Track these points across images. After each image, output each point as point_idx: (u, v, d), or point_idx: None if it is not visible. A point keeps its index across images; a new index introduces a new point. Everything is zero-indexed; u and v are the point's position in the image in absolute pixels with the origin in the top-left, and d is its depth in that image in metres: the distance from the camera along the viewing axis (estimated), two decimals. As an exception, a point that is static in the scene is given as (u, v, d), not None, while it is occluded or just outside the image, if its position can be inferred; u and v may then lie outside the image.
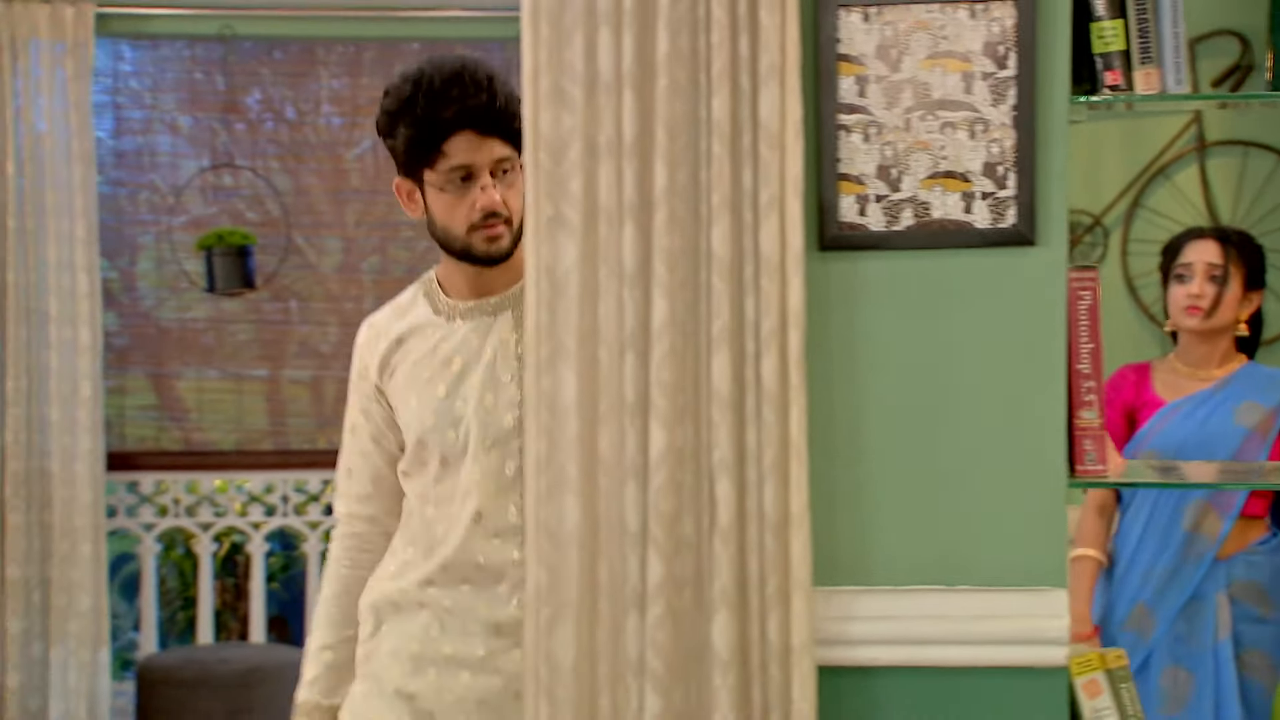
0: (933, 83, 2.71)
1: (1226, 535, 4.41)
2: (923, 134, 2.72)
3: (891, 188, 2.73)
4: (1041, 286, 2.71)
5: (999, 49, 2.69)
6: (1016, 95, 2.69)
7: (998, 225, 2.71)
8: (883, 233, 2.73)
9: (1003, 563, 2.70)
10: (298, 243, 6.86)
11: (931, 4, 2.70)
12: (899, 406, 2.70)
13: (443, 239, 3.13)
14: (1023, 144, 2.69)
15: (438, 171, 3.05)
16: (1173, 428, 4.45)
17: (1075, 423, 2.75)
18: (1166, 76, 2.72)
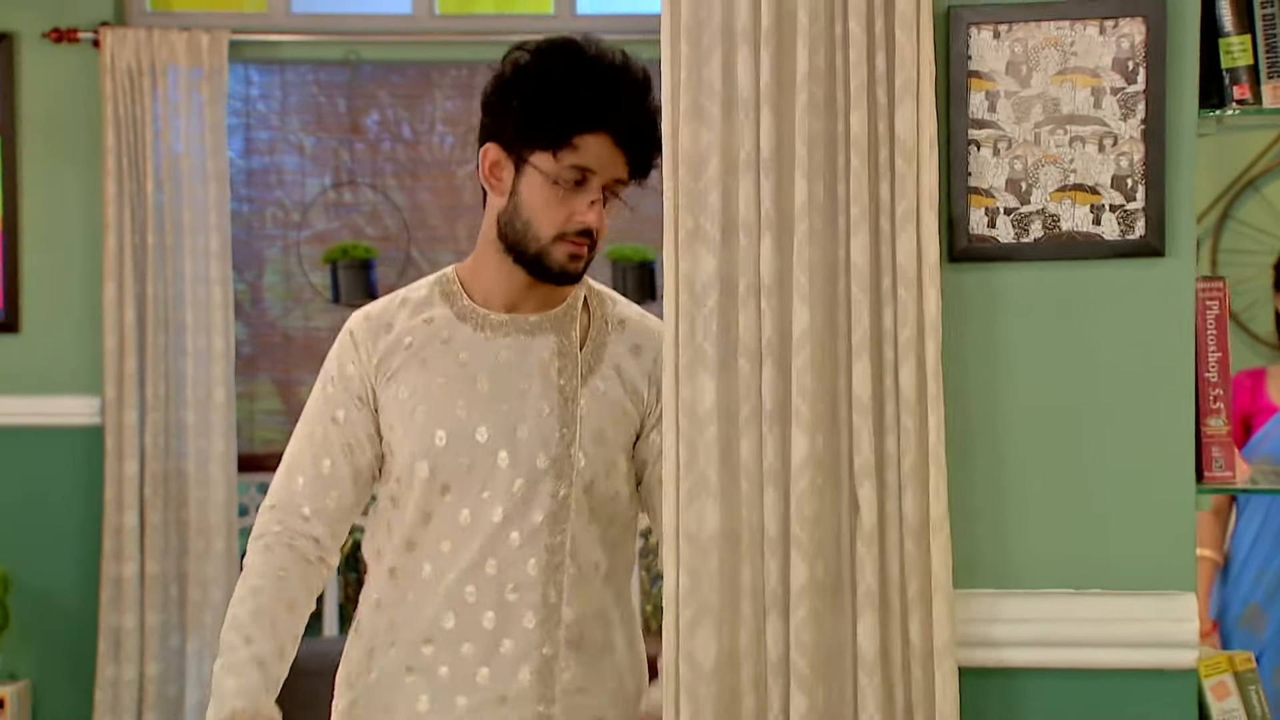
0: (1062, 98, 2.63)
1: None
2: (1052, 148, 2.64)
3: (1021, 200, 2.65)
4: (1170, 296, 2.63)
5: (1128, 64, 2.61)
6: (1145, 110, 2.61)
7: (1127, 237, 2.63)
8: (1012, 244, 2.65)
9: (1134, 566, 2.62)
10: (414, 256, 6.88)
11: (1061, 21, 2.62)
12: (1033, 413, 2.62)
13: (518, 234, 2.62)
14: (1151, 157, 2.61)
15: (559, 162, 2.57)
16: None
17: (1203, 430, 2.66)
18: (1294, 90, 2.63)
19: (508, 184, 2.61)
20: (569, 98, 2.54)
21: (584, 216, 2.57)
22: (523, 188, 2.59)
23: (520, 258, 2.63)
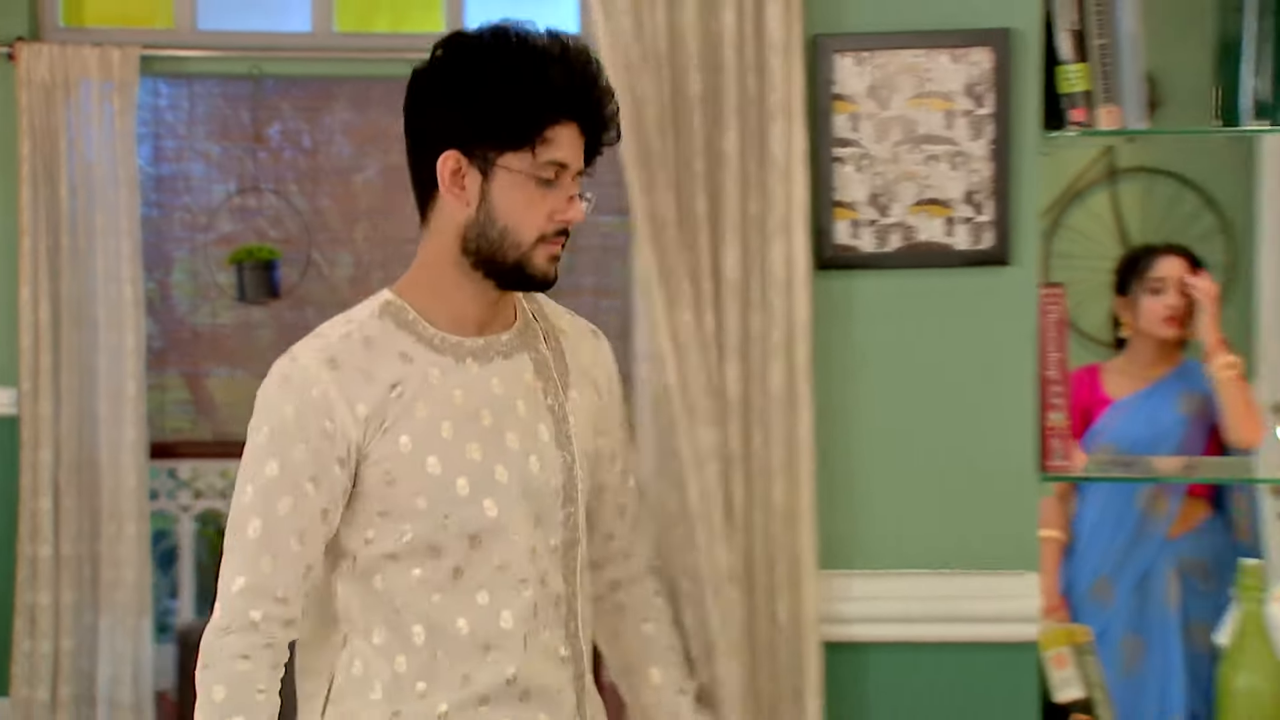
0: (918, 119, 2.64)
1: (1175, 516, 4.37)
2: (909, 165, 2.65)
3: (881, 213, 2.65)
4: (1015, 302, 2.65)
5: (977, 89, 2.62)
6: (993, 131, 2.62)
7: (976, 247, 2.64)
8: (874, 254, 2.65)
9: (981, 548, 2.64)
10: (315, 257, 6.85)
11: (917, 49, 2.63)
12: (891, 409, 2.63)
13: (494, 244, 2.13)
14: (998, 174, 2.63)
15: (536, 159, 2.10)
16: (1124, 422, 4.40)
17: (1045, 423, 2.68)
18: (1127, 113, 2.66)
19: (474, 192, 2.12)
20: (536, 88, 2.08)
21: (566, 213, 2.13)
22: (495, 193, 2.11)
23: (494, 270, 2.15)
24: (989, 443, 2.64)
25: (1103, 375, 4.54)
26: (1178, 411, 4.39)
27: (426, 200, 2.17)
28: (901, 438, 2.63)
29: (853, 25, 2.60)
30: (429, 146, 2.14)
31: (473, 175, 2.12)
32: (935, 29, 2.62)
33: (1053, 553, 4.50)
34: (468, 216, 2.14)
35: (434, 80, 2.15)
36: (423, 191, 2.17)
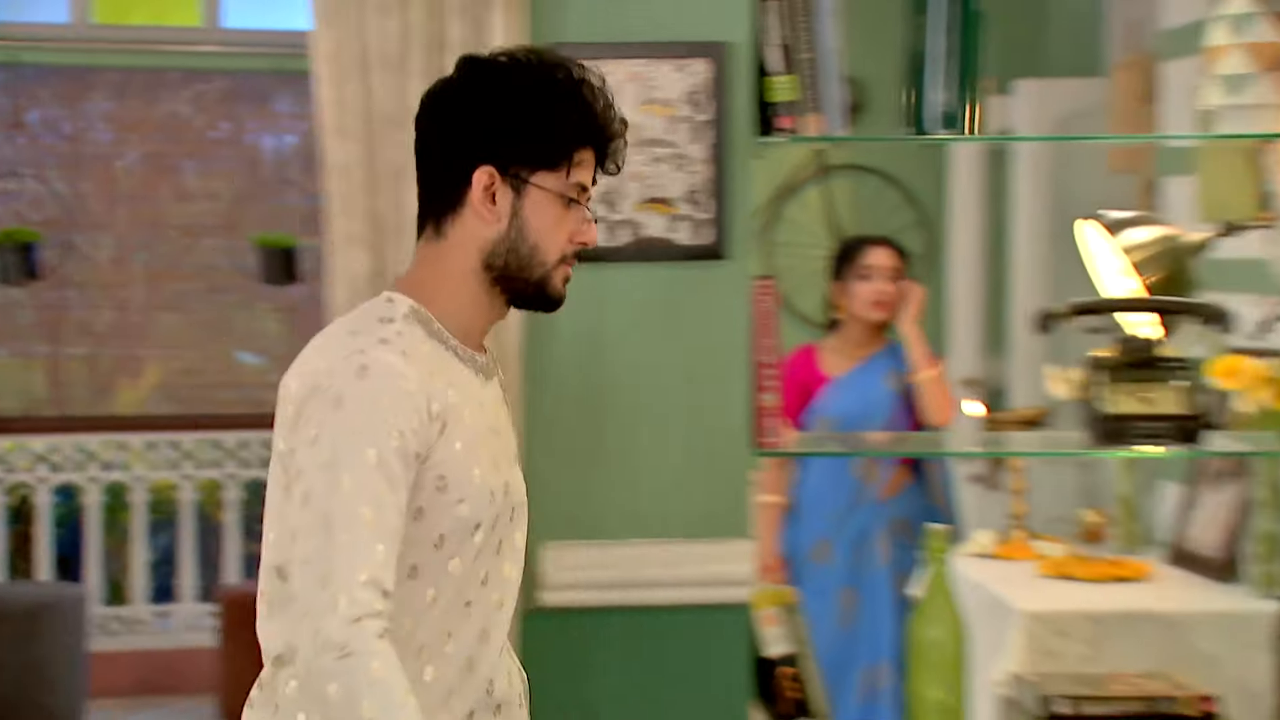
0: (644, 124, 2.67)
1: (885, 482, 4.51)
2: (636, 166, 2.68)
3: (611, 210, 2.68)
4: (731, 292, 2.70)
5: (697, 97, 2.67)
6: (712, 136, 2.67)
7: (696, 242, 2.69)
8: (605, 248, 2.68)
9: (699, 519, 2.68)
10: (75, 240, 6.67)
11: (642, 59, 2.66)
12: (618, 390, 2.66)
13: (522, 261, 2.01)
14: (717, 176, 2.67)
15: (567, 179, 2.01)
16: (840, 397, 4.51)
17: (758, 404, 2.73)
18: (829, 120, 2.71)
19: (505, 209, 1.99)
20: (576, 111, 2.01)
21: (586, 235, 2.04)
22: (528, 210, 2.00)
23: (514, 286, 2.02)
24: (706, 421, 2.68)
25: (819, 354, 4.64)
26: (886, 387, 4.52)
27: (444, 212, 2.01)
28: (627, 416, 2.66)
29: (578, 35, 2.62)
30: (458, 164, 2.00)
31: (505, 192, 2.00)
32: (659, 41, 2.64)
33: (774, 517, 4.59)
34: (497, 232, 2.00)
35: (467, 98, 2.02)
36: (441, 204, 2.02)
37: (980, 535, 4.61)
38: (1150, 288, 2.94)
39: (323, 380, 1.91)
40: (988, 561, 4.42)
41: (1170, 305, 2.82)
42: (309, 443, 1.89)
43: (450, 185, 2.00)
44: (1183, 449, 2.74)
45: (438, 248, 2.02)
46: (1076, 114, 5.59)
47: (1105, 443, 2.73)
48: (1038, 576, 4.19)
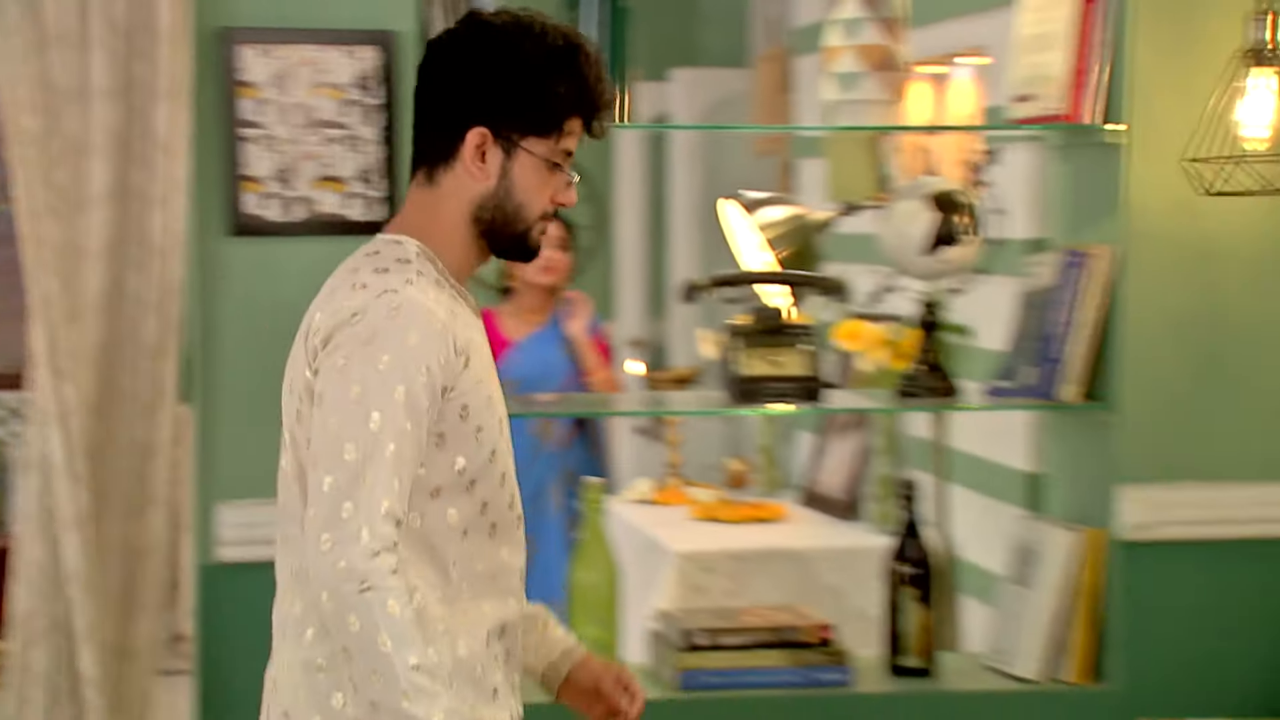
0: (317, 106, 2.65)
1: (559, 436, 4.57)
2: (310, 146, 2.66)
3: (286, 187, 2.65)
4: (403, 265, 2.70)
5: (367, 82, 2.65)
6: (382, 119, 2.66)
7: (368, 218, 2.68)
8: (280, 223, 2.66)
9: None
10: None
11: (312, 45, 2.63)
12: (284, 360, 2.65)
13: (507, 216, 2.00)
14: (388, 157, 2.67)
15: (555, 146, 1.99)
16: (520, 360, 4.55)
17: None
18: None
19: (494, 168, 1.98)
20: (571, 82, 1.97)
21: (566, 196, 2.03)
22: (516, 172, 1.98)
23: (496, 239, 2.02)
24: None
25: (499, 320, 4.68)
26: (561, 352, 4.59)
27: (437, 162, 1.99)
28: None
29: (250, 20, 2.58)
30: (454, 119, 1.97)
31: (495, 152, 1.97)
32: (329, 28, 2.62)
33: None
34: (486, 189, 1.98)
35: (466, 58, 1.98)
36: (435, 154, 2.00)
37: (640, 483, 4.74)
38: (782, 261, 3.07)
39: (354, 315, 1.87)
40: (647, 507, 4.55)
41: (796, 278, 2.95)
42: (336, 370, 1.85)
43: (444, 138, 1.97)
44: (807, 407, 2.87)
45: (431, 194, 2.00)
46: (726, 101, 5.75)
47: (741, 402, 2.84)
48: (689, 520, 4.34)
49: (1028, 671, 2.78)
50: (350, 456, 1.81)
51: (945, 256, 2.84)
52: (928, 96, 4.42)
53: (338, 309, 1.89)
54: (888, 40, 2.81)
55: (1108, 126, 2.72)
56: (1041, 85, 2.80)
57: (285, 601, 1.94)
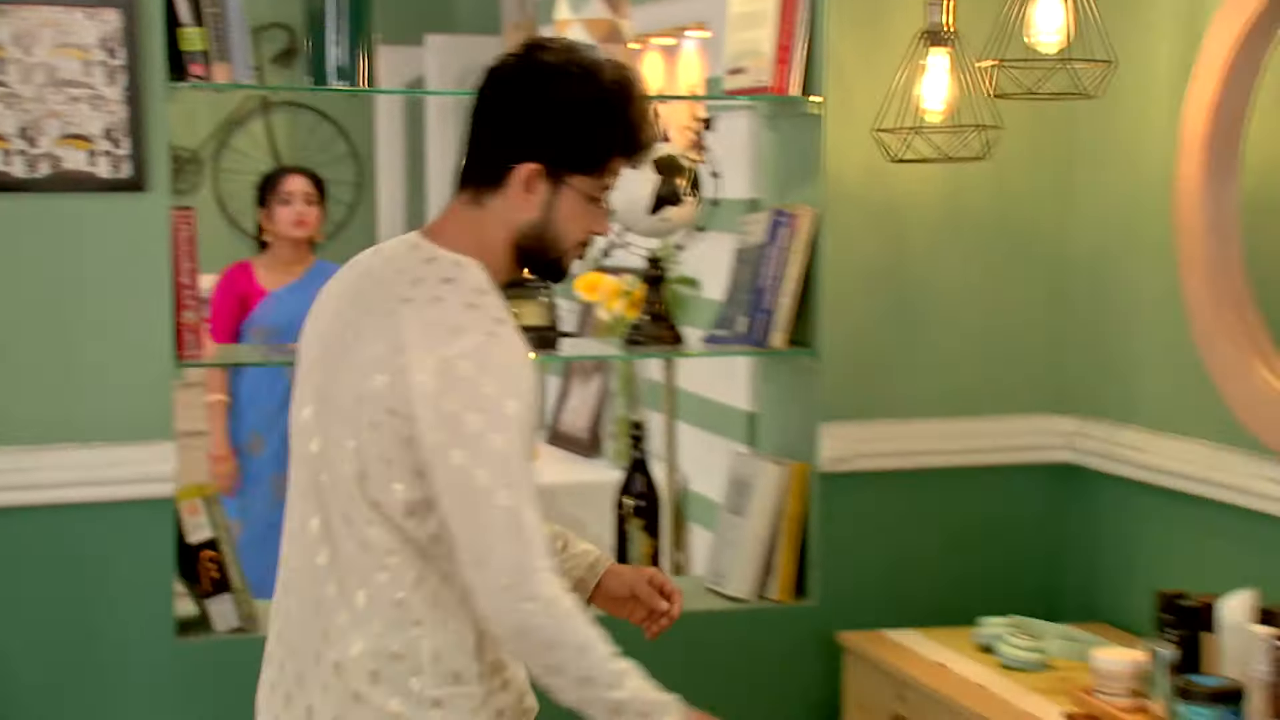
0: (61, 66, 2.53)
1: None
2: (54, 105, 2.54)
3: (31, 144, 2.54)
4: (150, 222, 2.61)
5: (110, 44, 2.55)
6: (126, 80, 2.56)
7: (116, 176, 2.58)
8: (26, 179, 2.54)
9: (126, 424, 2.60)
10: None
11: (55, 6, 2.52)
12: (41, 311, 2.54)
13: (545, 243, 1.96)
14: (133, 116, 2.57)
15: (601, 182, 1.97)
16: (276, 309, 4.46)
17: (180, 320, 2.67)
18: (236, 69, 2.67)
19: (540, 200, 1.94)
20: (624, 131, 1.95)
21: (601, 226, 2.01)
22: (561, 204, 1.95)
23: (532, 259, 1.99)
24: (131, 338, 2.60)
25: (256, 270, 4.58)
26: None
27: (485, 184, 1.93)
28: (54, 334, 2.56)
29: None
30: (509, 150, 1.91)
31: (542, 186, 1.92)
32: (71, -10, 2.52)
33: (221, 414, 4.53)
34: (530, 218, 1.93)
35: (522, 95, 1.91)
36: (484, 177, 1.93)
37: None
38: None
39: (464, 357, 1.81)
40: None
41: (531, 234, 2.96)
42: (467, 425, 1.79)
43: (495, 166, 1.92)
44: (545, 354, 2.89)
45: (477, 215, 1.94)
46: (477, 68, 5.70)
47: (481, 349, 2.84)
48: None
49: (740, 591, 2.88)
50: (504, 501, 1.79)
51: (667, 215, 2.90)
52: (660, 66, 4.48)
53: (445, 355, 1.81)
54: (612, 15, 2.84)
55: (808, 99, 2.81)
56: (751, 59, 2.86)
57: (322, 582, 1.89)
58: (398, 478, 1.83)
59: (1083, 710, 2.33)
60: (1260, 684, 2.17)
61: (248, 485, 4.49)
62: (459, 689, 1.84)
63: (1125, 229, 2.78)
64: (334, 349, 1.92)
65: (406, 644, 1.83)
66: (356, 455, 1.85)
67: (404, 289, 1.87)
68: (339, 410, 1.88)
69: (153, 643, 2.61)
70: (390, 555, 1.83)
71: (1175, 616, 2.29)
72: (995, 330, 2.91)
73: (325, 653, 1.86)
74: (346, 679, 1.84)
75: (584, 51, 1.95)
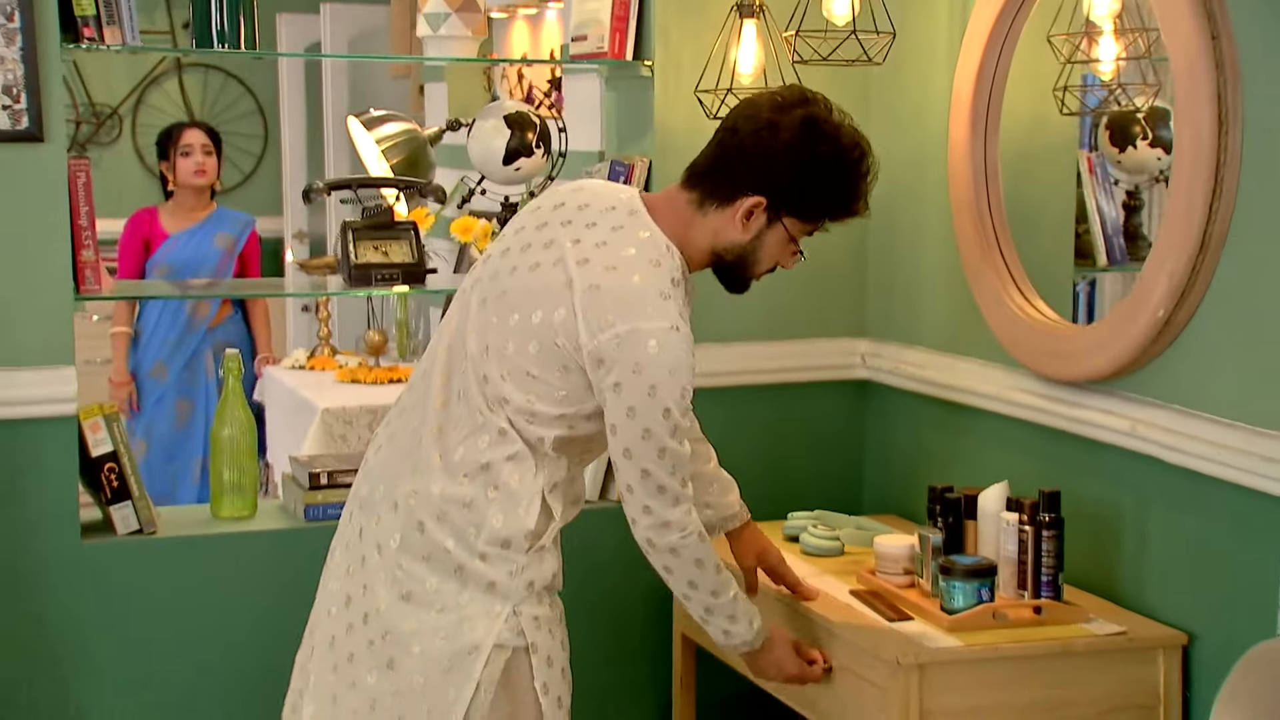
0: (-40, 28, 2.44)
1: (213, 315, 4.46)
2: (-44, 63, 2.45)
3: (-66, 100, 2.45)
4: (49, 170, 2.54)
5: (8, 8, 2.47)
6: (22, 40, 2.48)
7: (16, 128, 2.50)
8: (-72, 132, 2.45)
9: (32, 351, 2.55)
10: None
11: (-44, -28, 2.42)
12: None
13: (743, 261, 1.99)
14: (29, 74, 2.49)
15: (809, 229, 2.00)
16: (176, 251, 4.42)
17: (79, 259, 2.61)
18: (126, 33, 2.60)
19: (754, 229, 1.96)
20: (844, 197, 1.97)
21: (790, 264, 2.04)
22: (769, 237, 1.97)
23: (723, 269, 2.03)
24: (36, 278, 2.54)
25: (160, 216, 4.51)
26: (215, 245, 4.48)
27: (711, 197, 1.97)
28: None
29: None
30: (742, 179, 1.95)
31: (760, 218, 1.96)
32: (-34, -42, 2.41)
33: (123, 344, 4.50)
34: (738, 240, 1.97)
35: (774, 136, 1.93)
36: (714, 191, 1.96)
37: (298, 352, 4.66)
38: (395, 169, 3.05)
39: (653, 342, 1.87)
40: (301, 372, 4.48)
41: (398, 182, 2.94)
42: (643, 391, 1.87)
43: (728, 186, 1.95)
44: (409, 288, 2.88)
45: (696, 216, 1.97)
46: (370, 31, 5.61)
47: (356, 284, 2.83)
48: (335, 382, 4.31)
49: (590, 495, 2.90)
50: (667, 462, 1.90)
51: (520, 165, 2.90)
52: (525, 34, 4.44)
53: (635, 329, 1.86)
54: (469, -14, 2.81)
55: (640, 63, 2.81)
56: (593, 28, 2.85)
57: (428, 427, 1.95)
58: (536, 394, 1.89)
59: (866, 587, 2.41)
60: (1008, 561, 2.27)
61: (151, 407, 4.47)
62: (504, 552, 1.91)
63: (910, 177, 2.84)
64: (520, 267, 1.93)
65: (477, 502, 1.90)
66: (506, 360, 1.90)
67: (611, 240, 1.91)
68: (507, 323, 1.91)
69: (61, 544, 2.58)
70: (498, 434, 1.90)
71: (941, 506, 2.37)
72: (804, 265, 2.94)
73: (409, 480, 1.93)
74: (416, 508, 1.92)
75: (841, 117, 1.98)
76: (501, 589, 1.90)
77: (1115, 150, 2.50)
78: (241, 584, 2.68)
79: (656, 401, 1.86)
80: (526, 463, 1.92)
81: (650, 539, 1.94)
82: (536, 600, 1.94)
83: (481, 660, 1.89)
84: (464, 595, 1.90)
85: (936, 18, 2.70)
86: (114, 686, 2.61)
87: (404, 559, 1.92)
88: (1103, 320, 2.36)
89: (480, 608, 1.90)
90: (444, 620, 1.89)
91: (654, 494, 1.91)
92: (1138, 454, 2.26)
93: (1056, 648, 2.15)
